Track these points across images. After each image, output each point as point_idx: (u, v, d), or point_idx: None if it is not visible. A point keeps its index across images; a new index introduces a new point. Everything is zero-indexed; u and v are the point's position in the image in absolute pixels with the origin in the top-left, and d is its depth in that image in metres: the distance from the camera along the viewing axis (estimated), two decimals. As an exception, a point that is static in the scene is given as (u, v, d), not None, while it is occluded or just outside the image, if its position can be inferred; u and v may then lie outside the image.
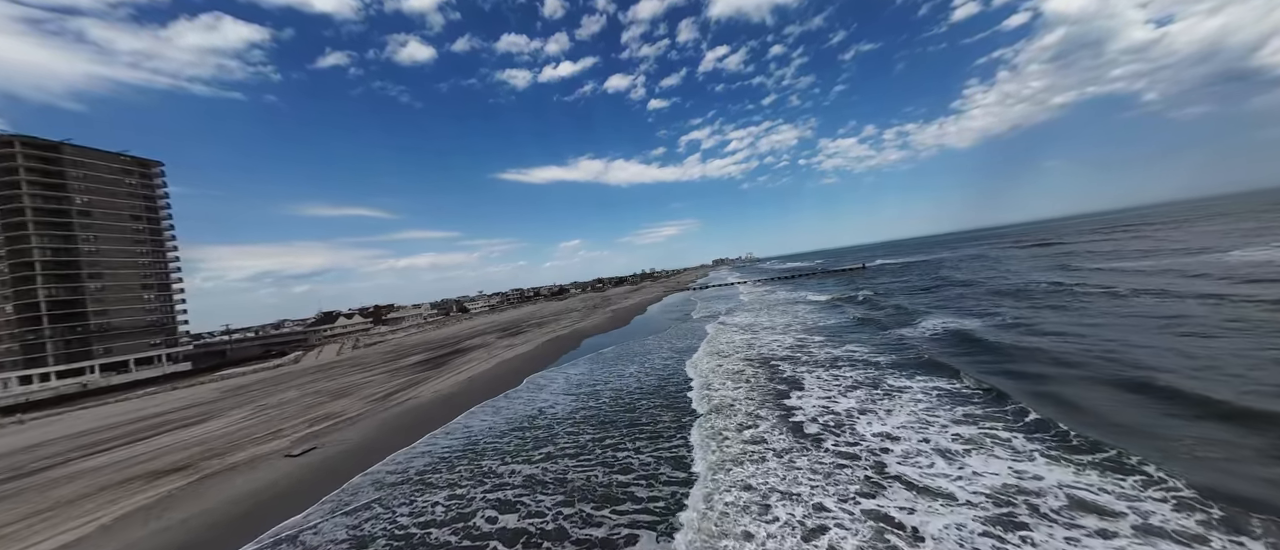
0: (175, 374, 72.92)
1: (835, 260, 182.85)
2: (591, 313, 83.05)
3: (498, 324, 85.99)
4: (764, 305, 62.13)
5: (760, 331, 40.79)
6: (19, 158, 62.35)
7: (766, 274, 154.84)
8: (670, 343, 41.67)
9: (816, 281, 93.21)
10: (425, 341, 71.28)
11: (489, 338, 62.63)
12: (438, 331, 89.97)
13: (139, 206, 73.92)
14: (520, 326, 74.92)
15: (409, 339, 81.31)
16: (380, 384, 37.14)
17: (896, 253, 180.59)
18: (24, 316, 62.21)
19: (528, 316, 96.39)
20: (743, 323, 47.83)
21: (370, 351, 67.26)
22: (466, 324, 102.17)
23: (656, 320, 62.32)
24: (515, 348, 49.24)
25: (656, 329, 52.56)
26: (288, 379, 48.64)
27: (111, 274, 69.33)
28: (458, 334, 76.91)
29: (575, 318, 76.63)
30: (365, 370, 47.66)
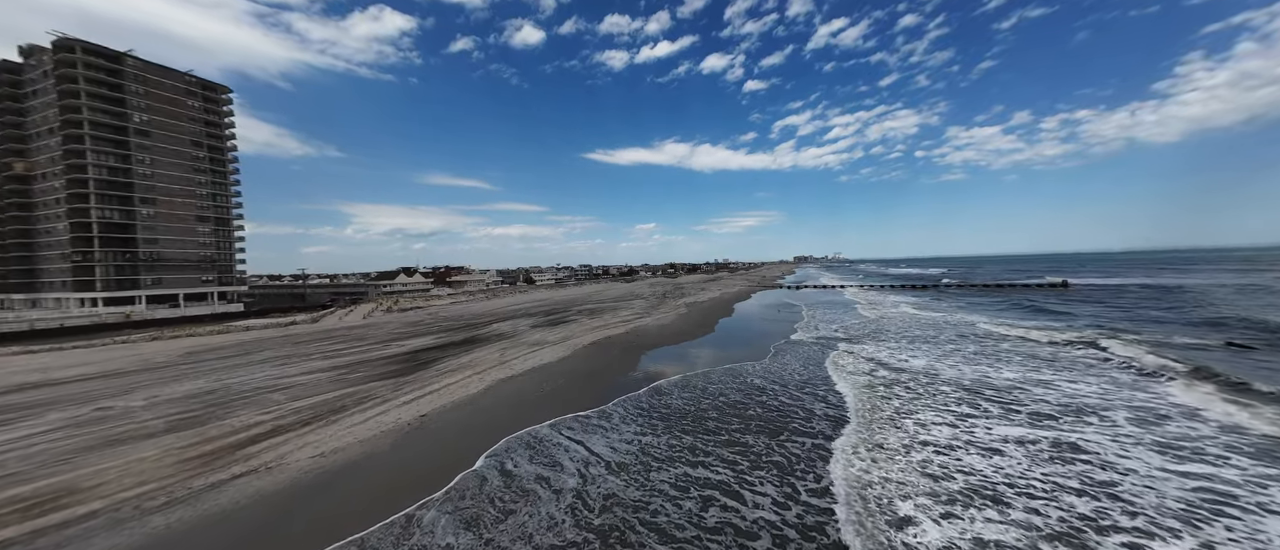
0: (223, 314, 69.11)
1: (968, 272, 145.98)
2: (660, 304, 65.81)
3: (549, 303, 72.37)
4: (908, 328, 39.97)
5: (963, 405, 20.27)
6: (79, 65, 59.32)
7: (875, 279, 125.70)
8: (783, 395, 22.68)
9: (978, 298, 66.63)
10: (458, 316, 59.19)
11: (524, 324, 48.08)
12: (484, 303, 78.87)
13: (201, 132, 70.31)
14: (570, 310, 60.01)
15: (449, 309, 70.55)
16: (285, 404, 22.98)
17: (1069, 270, 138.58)
18: (76, 236, 60.07)
19: (586, 297, 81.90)
20: (896, 363, 27.24)
21: (393, 319, 56.47)
22: (520, 297, 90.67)
23: (748, 330, 43.17)
24: (541, 348, 33.43)
25: (751, 347, 33.63)
26: (253, 349, 37.61)
27: (165, 201, 66.08)
28: (498, 310, 64.24)
29: (639, 309, 59.90)
30: (333, 357, 34.82)
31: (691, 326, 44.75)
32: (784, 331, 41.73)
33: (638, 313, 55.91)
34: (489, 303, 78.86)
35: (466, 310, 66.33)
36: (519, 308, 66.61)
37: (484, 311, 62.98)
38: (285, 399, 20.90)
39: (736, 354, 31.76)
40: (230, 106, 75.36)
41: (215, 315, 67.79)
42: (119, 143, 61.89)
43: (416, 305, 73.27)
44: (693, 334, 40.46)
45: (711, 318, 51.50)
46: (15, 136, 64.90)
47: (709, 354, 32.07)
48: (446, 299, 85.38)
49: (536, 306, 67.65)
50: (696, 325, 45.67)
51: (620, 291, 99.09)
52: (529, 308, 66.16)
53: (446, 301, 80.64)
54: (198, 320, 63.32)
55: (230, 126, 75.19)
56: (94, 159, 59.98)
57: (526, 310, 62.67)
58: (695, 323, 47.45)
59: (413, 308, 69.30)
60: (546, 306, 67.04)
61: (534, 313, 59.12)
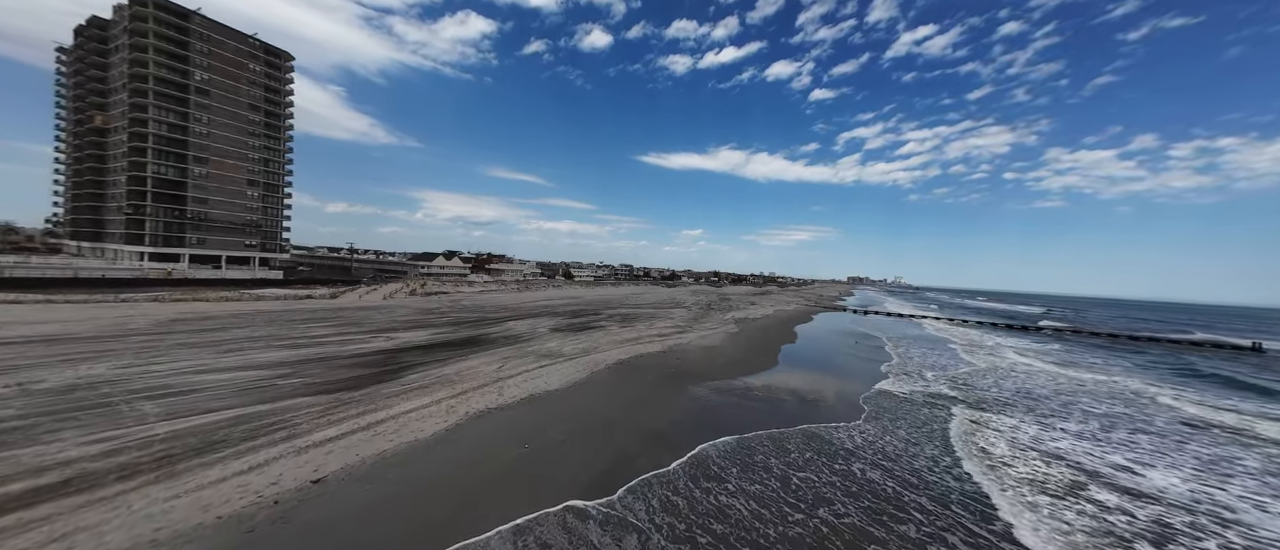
0: (260, 280, 68.53)
1: (1075, 315, 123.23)
2: (704, 317, 56.96)
3: (581, 302, 65.70)
4: (1047, 390, 28.43)
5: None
6: (150, 20, 60.07)
7: (956, 311, 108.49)
8: (911, 505, 13.44)
9: (1120, 354, 51.92)
10: (478, 306, 53.65)
11: (544, 325, 41.16)
12: (513, 295, 73.64)
13: (259, 97, 70.40)
14: (601, 313, 52.68)
15: (475, 297, 65.71)
16: (138, 428, 16.84)
17: (1230, 326, 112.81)
18: (133, 189, 60.92)
19: (622, 300, 74.54)
20: (1091, 466, 16.93)
21: (410, 304, 51.82)
22: (552, 292, 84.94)
23: (823, 367, 33.48)
24: (552, 364, 25.98)
25: (832, 397, 24.28)
26: (235, 324, 33.09)
27: (217, 161, 66.25)
28: (524, 304, 58.23)
29: (680, 320, 51.44)
30: (300, 346, 29.39)
31: (746, 353, 35.67)
32: (869, 373, 31.71)
33: (678, 325, 47.49)
34: (518, 295, 73.55)
35: (491, 300, 61.01)
36: (546, 304, 60.35)
37: (508, 304, 57.20)
38: (157, 414, 14.63)
39: (815, 406, 22.58)
40: (292, 74, 75.50)
41: (252, 280, 67.12)
42: (179, 100, 62.47)
43: (444, 290, 69.20)
44: (749, 365, 31.42)
45: (771, 342, 42.00)
46: (99, 90, 67.68)
47: (775, 401, 23.12)
48: (478, 286, 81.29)
49: (566, 304, 61.14)
50: (753, 351, 36.49)
51: (660, 296, 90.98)
52: (557, 305, 59.69)
53: (477, 289, 76.31)
54: (232, 283, 62.47)
55: (289, 94, 75.28)
56: (155, 115, 60.68)
57: (553, 308, 56.14)
58: (751, 347, 38.29)
59: (438, 292, 65.12)
60: (576, 306, 60.31)
61: (560, 312, 52.37)
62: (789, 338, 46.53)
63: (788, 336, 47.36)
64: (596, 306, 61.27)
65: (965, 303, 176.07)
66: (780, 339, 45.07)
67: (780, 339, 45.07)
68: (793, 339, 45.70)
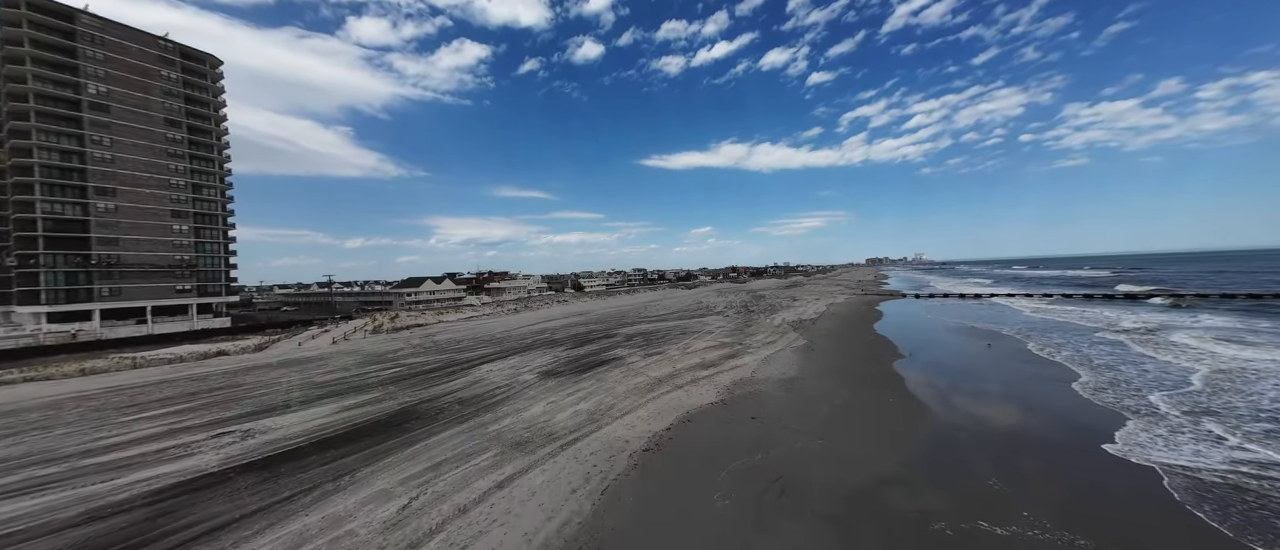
0: (200, 332, 56.22)
1: (1154, 274, 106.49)
2: (749, 324, 42.98)
3: (590, 319, 52.04)
4: None
5: None
6: (25, 24, 48.25)
7: (1027, 285, 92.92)
8: None
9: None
10: (452, 343, 40.22)
11: (531, 368, 27.46)
12: (507, 318, 60.41)
13: (178, 110, 58.35)
14: (616, 333, 38.88)
15: (456, 327, 52.65)
16: None
17: None
18: (20, 236, 48.94)
19: (640, 310, 60.71)
20: None
21: (355, 349, 38.63)
22: (556, 311, 71.65)
23: (1008, 397, 19.62)
24: (523, 475, 12.46)
25: (1087, 503, 10.57)
26: (37, 420, 20.05)
27: (129, 191, 54.07)
28: (516, 332, 44.70)
29: (721, 332, 37.47)
30: (79, 477, 15.66)
31: (854, 388, 21.75)
32: (1092, 413, 17.74)
33: (722, 343, 33.61)
34: (514, 318, 60.35)
35: (476, 330, 47.74)
36: (545, 328, 46.87)
37: (495, 334, 43.79)
38: None
39: None
40: (221, 81, 63.54)
41: (185, 334, 54.87)
42: (71, 119, 50.52)
43: (421, 322, 56.17)
44: (886, 425, 17.56)
45: (872, 361, 27.85)
46: (-9, 124, 56.28)
47: None
48: (467, 312, 68.23)
49: (570, 325, 47.62)
50: (860, 383, 22.53)
51: (684, 301, 77.05)
52: (558, 328, 46.17)
53: (464, 316, 63.28)
54: (157, 340, 50.15)
55: (221, 105, 63.27)
56: (41, 140, 48.76)
57: (552, 333, 42.58)
58: (850, 375, 24.27)
59: (412, 326, 52.03)
60: (583, 326, 46.73)
61: (561, 339, 38.77)
62: (887, 348, 32.33)
63: (883, 346, 33.19)
64: (609, 324, 47.73)
65: (1021, 274, 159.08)
66: (876, 352, 30.98)
67: (876, 352, 30.98)
68: (895, 351, 31.50)
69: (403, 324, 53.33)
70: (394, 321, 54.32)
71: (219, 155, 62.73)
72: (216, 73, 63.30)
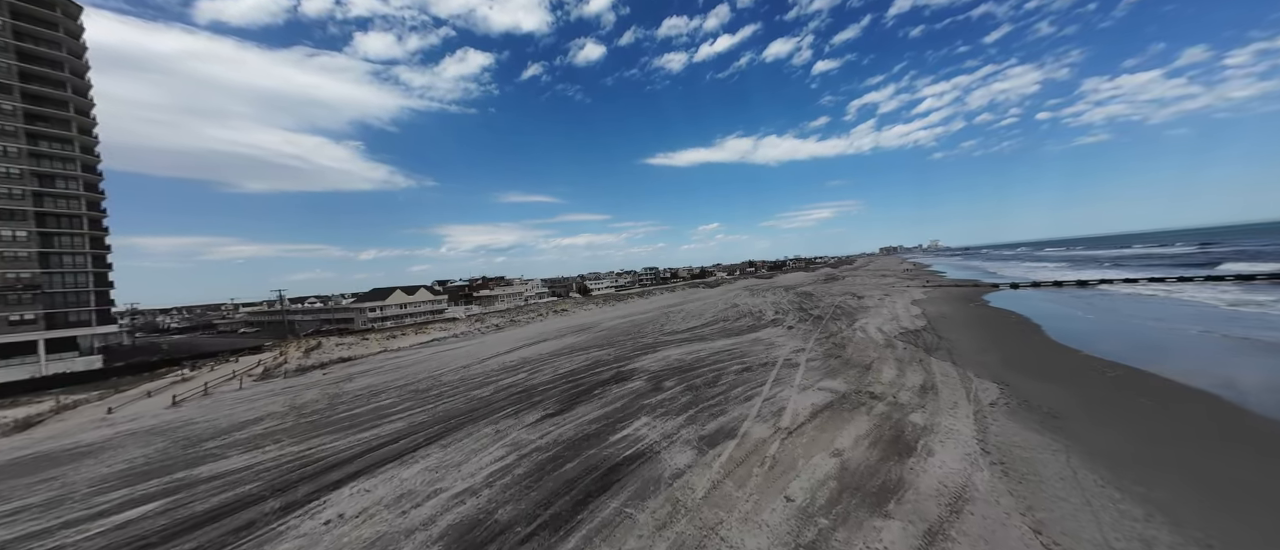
0: (49, 379, 39.43)
1: (1212, 246, 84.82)
2: (847, 348, 24.57)
3: (591, 340, 33.54)
4: None
5: None
6: None
7: (1131, 268, 73.09)
8: None
9: None
10: (366, 396, 22.00)
11: (475, 475, 9.66)
12: (481, 342, 42.38)
13: (9, 70, 41.79)
14: (633, 374, 20.23)
15: (390, 367, 34.89)
16: None
17: None
18: None
19: (662, 319, 42.09)
20: None
21: (215, 414, 20.89)
22: (553, 323, 53.78)
23: None
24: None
25: None
26: None
27: (-82, 184, 37.54)
28: (478, 369, 26.29)
29: (823, 377, 19.12)
30: None
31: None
32: None
33: (849, 402, 15.30)
34: (494, 339, 42.58)
35: (420, 368, 29.91)
36: (527, 359, 28.68)
37: (442, 376, 25.63)
38: None
39: None
40: (80, 36, 46.70)
41: (29, 381, 38.03)
42: None
43: (349, 355, 38.52)
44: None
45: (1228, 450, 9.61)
46: None
47: None
48: (430, 334, 50.48)
49: (564, 351, 29.44)
50: None
51: (714, 305, 58.51)
52: (546, 361, 27.92)
53: (424, 339, 45.63)
54: (48, 384, 33.33)
55: (82, 69, 46.49)
56: None
57: (534, 372, 24.24)
58: None
59: (329, 363, 34.26)
60: (584, 351, 28.56)
61: (543, 387, 20.44)
62: (1194, 406, 13.77)
63: (1173, 396, 14.59)
64: (621, 350, 29.40)
65: (1091, 255, 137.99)
66: (1192, 414, 12.43)
67: (1192, 414, 12.43)
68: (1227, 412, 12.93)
69: (322, 358, 35.76)
70: (309, 354, 36.83)
71: (81, 136, 45.90)
72: (74, 24, 46.52)
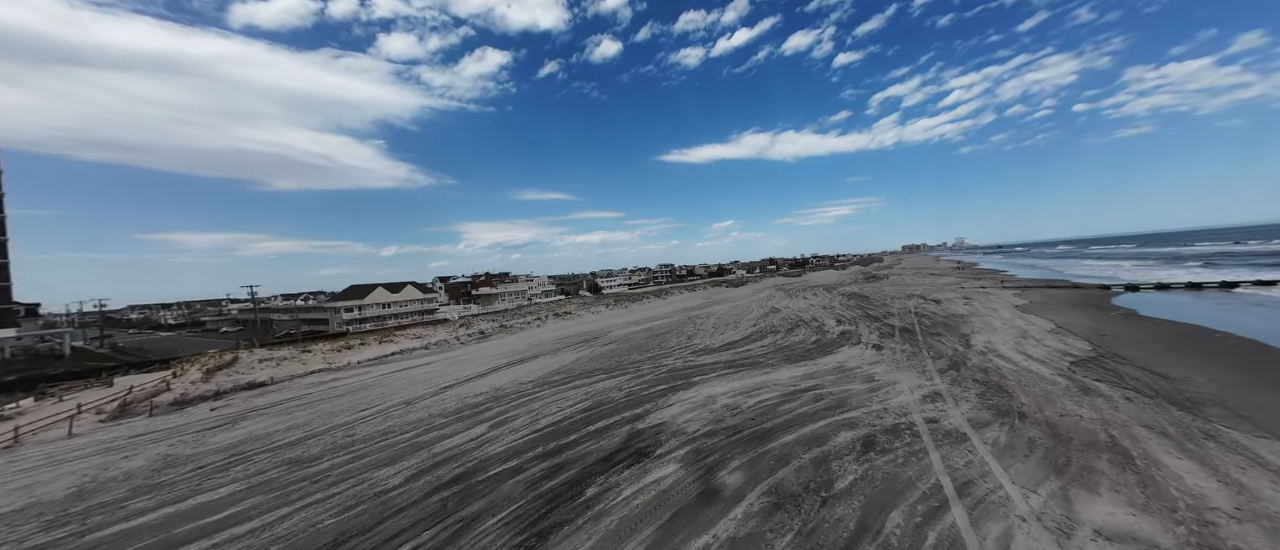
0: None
1: None
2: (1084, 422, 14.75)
3: (596, 364, 23.54)
4: None
5: None
6: None
7: (1256, 264, 59.99)
8: None
9: None
10: (302, 439, 13.15)
11: None
12: (456, 355, 33.36)
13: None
14: (648, 435, 10.85)
15: (316, 399, 25.98)
16: None
17: None
18: None
19: (685, 331, 31.86)
20: None
21: None
22: (551, 332, 44.71)
23: None
24: None
25: None
26: None
27: None
28: (417, 417, 16.94)
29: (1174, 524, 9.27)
30: None
31: None
32: None
33: None
34: (474, 351, 33.69)
35: (356, 400, 21.06)
36: (505, 391, 19.32)
37: (362, 428, 16.57)
38: None
39: None
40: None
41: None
42: None
43: (291, 372, 30.11)
44: None
45: None
46: None
47: None
48: (397, 344, 41.86)
49: (554, 378, 19.88)
50: None
51: (749, 310, 48.39)
52: (524, 398, 18.59)
53: (382, 353, 37.11)
54: None
55: None
56: None
57: (475, 447, 15.00)
58: None
59: (232, 391, 25.83)
60: (584, 382, 19.08)
61: (482, 488, 11.09)
62: None
63: None
64: (637, 382, 19.73)
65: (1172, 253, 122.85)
66: None
67: None
68: None
69: (227, 382, 27.28)
70: (211, 376, 28.42)
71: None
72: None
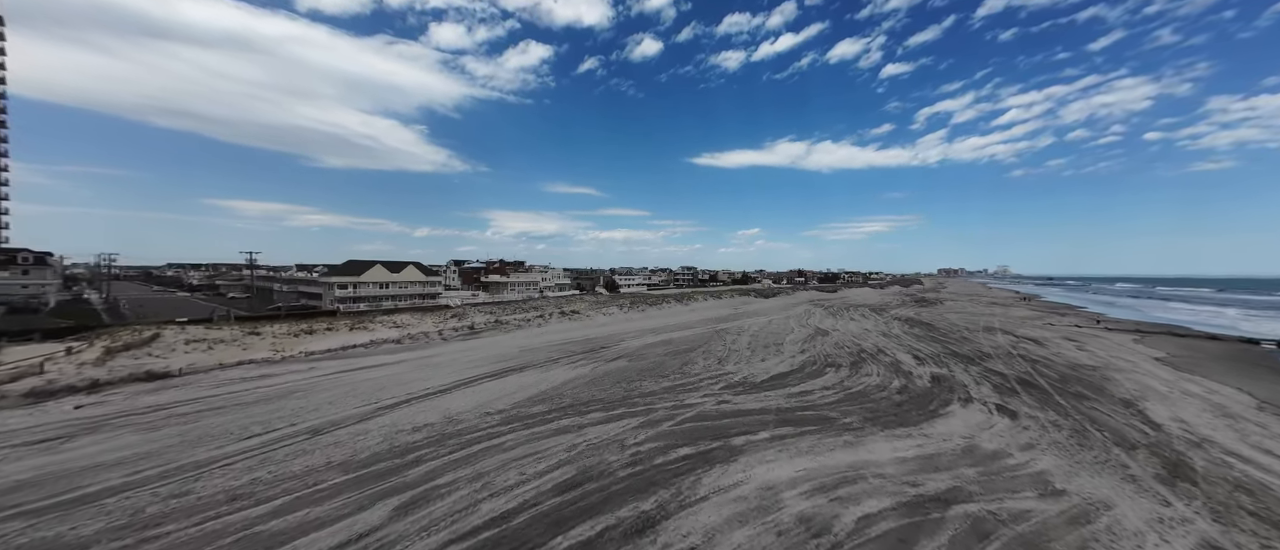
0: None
1: None
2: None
3: (596, 398, 16.84)
4: None
5: None
6: None
7: None
8: None
9: None
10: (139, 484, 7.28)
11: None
12: (433, 352, 27.74)
13: None
14: None
15: (247, 407, 20.43)
16: None
17: None
18: None
19: (708, 344, 24.77)
20: None
21: None
22: (555, 334, 38.65)
23: None
24: None
25: None
26: None
27: None
28: (318, 462, 11.55)
29: None
30: None
31: None
32: None
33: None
34: (445, 354, 28.14)
35: (260, 416, 15.74)
36: (433, 441, 13.47)
37: (218, 459, 11.06)
38: None
39: None
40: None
41: None
42: None
43: (221, 360, 25.16)
44: None
45: None
46: None
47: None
48: (379, 330, 36.57)
49: (512, 431, 13.85)
50: None
51: (786, 326, 41.20)
52: (475, 447, 12.75)
53: (355, 342, 31.88)
54: None
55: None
56: None
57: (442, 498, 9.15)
58: None
59: (154, 379, 20.88)
60: (569, 423, 12.81)
61: None
62: None
63: None
64: (650, 440, 13.52)
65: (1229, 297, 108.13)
66: None
67: None
68: None
69: (127, 369, 22.27)
70: (111, 358, 23.45)
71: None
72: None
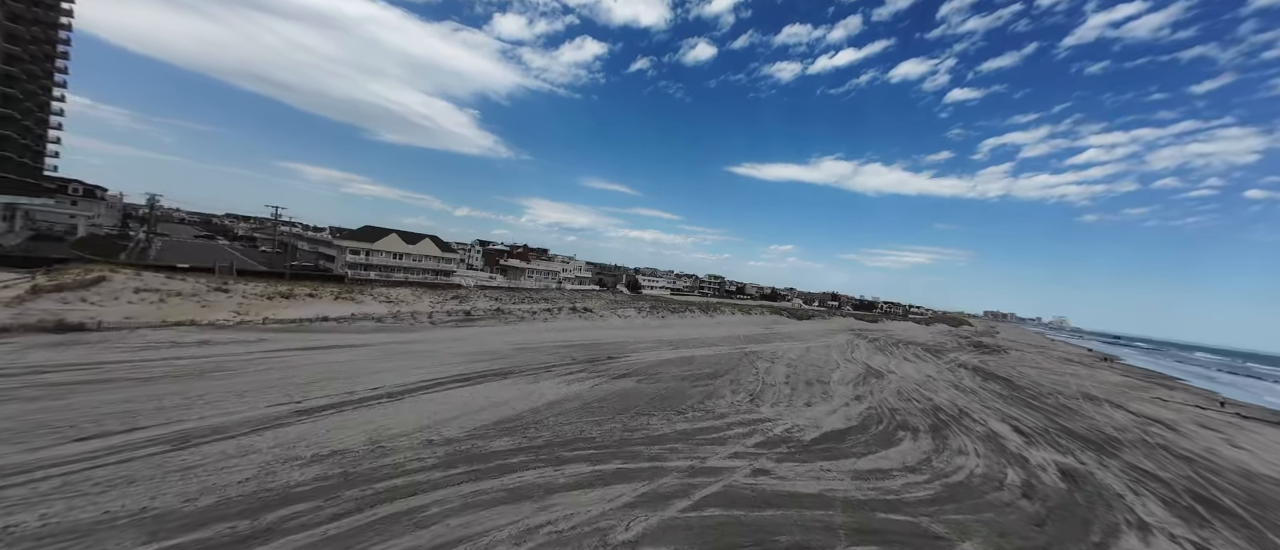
0: None
1: None
2: None
3: (600, 429, 12.13)
4: None
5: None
6: None
7: None
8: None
9: None
10: None
11: None
12: (413, 338, 23.73)
13: None
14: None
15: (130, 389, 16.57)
16: None
17: None
18: None
19: (736, 369, 19.21)
20: None
21: None
22: (556, 335, 34.14)
23: None
24: None
25: None
26: None
27: None
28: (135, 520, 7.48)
29: None
30: None
31: None
32: None
33: None
34: (427, 343, 24.14)
35: (145, 400, 12.02)
36: (267, 537, 9.24)
37: None
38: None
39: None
40: None
41: None
42: None
43: (167, 318, 21.90)
44: None
45: None
46: None
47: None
48: (365, 301, 33.19)
49: (456, 494, 9.53)
50: None
51: (829, 358, 35.06)
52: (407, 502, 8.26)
53: (331, 313, 28.45)
54: None
55: None
56: None
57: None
58: None
59: (84, 330, 17.63)
60: (538, 488, 8.42)
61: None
62: None
63: None
64: None
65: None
66: None
67: None
68: None
69: (38, 314, 19.14)
70: (35, 297, 20.37)
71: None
72: None
